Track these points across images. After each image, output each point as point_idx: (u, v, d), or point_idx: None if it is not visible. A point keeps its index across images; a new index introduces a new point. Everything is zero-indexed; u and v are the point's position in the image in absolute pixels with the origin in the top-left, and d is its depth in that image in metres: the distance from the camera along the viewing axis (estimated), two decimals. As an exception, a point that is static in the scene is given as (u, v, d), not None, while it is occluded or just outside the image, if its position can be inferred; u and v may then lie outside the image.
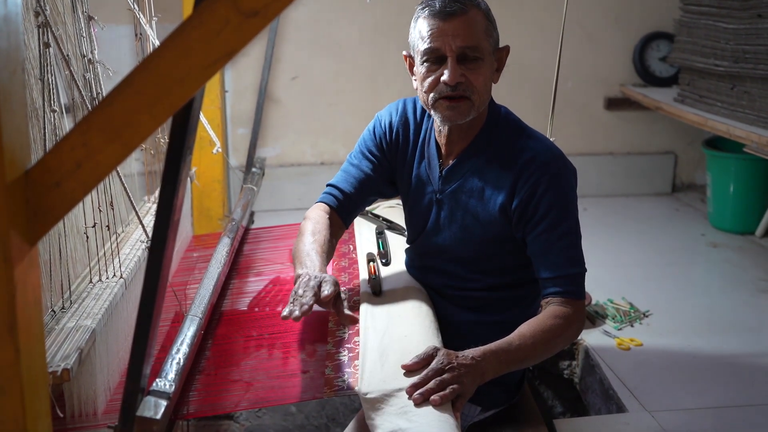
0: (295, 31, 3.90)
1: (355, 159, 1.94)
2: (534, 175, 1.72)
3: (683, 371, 2.38)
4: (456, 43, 1.68)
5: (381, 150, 1.92)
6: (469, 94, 1.71)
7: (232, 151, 3.96)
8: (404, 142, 1.90)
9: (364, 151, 1.93)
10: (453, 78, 1.69)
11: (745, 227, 3.58)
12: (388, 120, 1.92)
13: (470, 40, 1.69)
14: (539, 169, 1.72)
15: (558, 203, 1.71)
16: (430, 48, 1.70)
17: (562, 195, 1.73)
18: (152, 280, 1.16)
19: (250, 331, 1.85)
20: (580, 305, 1.71)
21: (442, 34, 1.69)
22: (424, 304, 1.83)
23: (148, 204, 2.32)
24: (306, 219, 1.88)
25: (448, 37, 1.68)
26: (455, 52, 1.69)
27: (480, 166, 1.79)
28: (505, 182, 1.75)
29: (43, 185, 0.96)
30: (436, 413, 1.41)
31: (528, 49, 3.86)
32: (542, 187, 1.71)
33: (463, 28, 1.68)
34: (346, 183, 1.92)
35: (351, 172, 1.92)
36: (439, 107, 1.73)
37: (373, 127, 1.94)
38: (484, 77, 1.72)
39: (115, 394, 1.67)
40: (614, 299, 2.81)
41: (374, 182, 1.93)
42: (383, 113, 1.95)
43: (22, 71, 0.97)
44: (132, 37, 2.25)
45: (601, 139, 4.20)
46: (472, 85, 1.70)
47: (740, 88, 3.21)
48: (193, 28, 0.92)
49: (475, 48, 1.69)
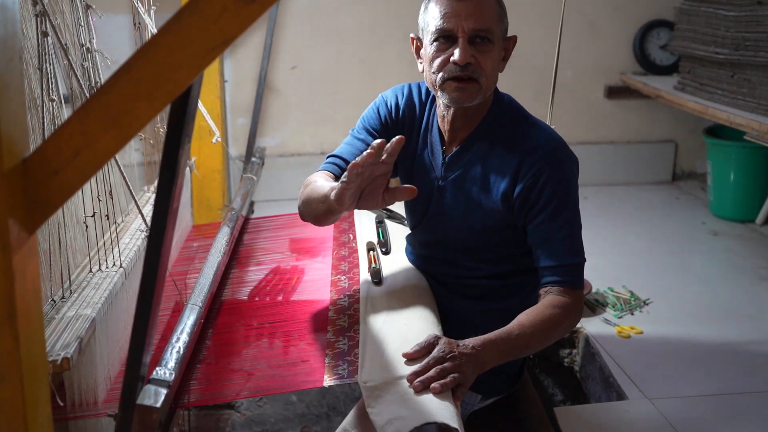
0: (295, 20, 3.88)
1: (358, 134, 1.89)
2: (537, 164, 1.71)
3: (683, 359, 2.38)
4: (469, 25, 1.68)
5: (385, 129, 1.88)
6: (477, 76, 1.70)
7: (232, 141, 3.96)
8: (409, 125, 1.88)
9: (367, 126, 1.89)
10: (463, 58, 1.68)
11: (745, 215, 3.58)
12: (394, 101, 1.89)
13: (483, 22, 1.69)
14: (542, 158, 1.72)
15: (559, 193, 1.71)
16: (442, 28, 1.70)
17: (564, 185, 1.72)
18: (152, 266, 1.16)
19: (251, 321, 1.85)
20: (578, 295, 1.71)
21: (455, 14, 1.68)
22: (425, 292, 1.83)
23: (148, 194, 2.32)
24: (308, 181, 1.80)
25: (461, 18, 1.68)
26: (467, 33, 1.68)
27: (483, 153, 1.79)
28: (507, 170, 1.74)
29: (42, 173, 0.95)
30: (437, 401, 1.41)
31: (528, 38, 3.82)
32: (544, 176, 1.71)
33: (477, 10, 1.68)
34: (349, 154, 1.85)
35: (354, 144, 1.87)
36: (447, 88, 1.72)
37: (377, 107, 1.90)
38: (492, 61, 1.72)
39: (115, 383, 1.67)
40: (614, 287, 2.82)
41: None
42: (388, 94, 1.92)
43: (19, 59, 0.96)
44: (130, 26, 2.25)
45: (601, 128, 4.19)
46: (481, 67, 1.70)
47: (741, 76, 3.20)
48: (191, 15, 0.92)
49: (486, 30, 1.69)
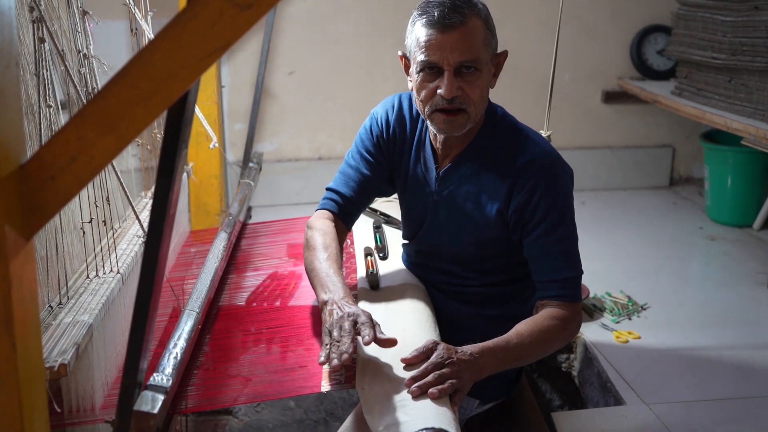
0: (292, 26, 3.89)
1: (353, 161, 1.90)
2: (531, 179, 1.71)
3: (681, 364, 2.38)
4: (454, 57, 1.64)
5: (378, 148, 1.88)
6: (465, 106, 1.68)
7: (229, 147, 3.96)
8: (401, 139, 1.88)
9: (361, 151, 1.89)
10: (449, 92, 1.65)
11: (742, 220, 3.58)
12: (384, 117, 1.89)
13: (469, 53, 1.64)
14: (536, 173, 1.71)
15: (555, 207, 1.71)
16: (426, 61, 1.66)
17: (559, 199, 1.72)
18: (149, 272, 1.16)
19: (248, 326, 1.85)
20: (576, 308, 1.71)
21: (439, 47, 1.64)
22: (422, 298, 1.83)
23: (145, 199, 2.32)
24: (312, 229, 1.83)
25: (446, 52, 1.64)
26: (453, 66, 1.65)
27: (477, 169, 1.78)
28: (502, 185, 1.74)
29: (38, 179, 0.95)
30: (434, 406, 1.41)
31: (525, 43, 3.86)
32: (539, 191, 1.70)
33: (462, 41, 1.63)
34: (345, 186, 1.88)
35: (350, 175, 1.89)
36: (435, 119, 1.71)
37: (370, 126, 1.90)
38: (481, 88, 1.69)
39: (112, 389, 1.67)
40: (612, 292, 2.82)
41: (373, 183, 1.90)
42: (378, 110, 1.91)
43: (16, 65, 0.96)
44: (127, 32, 2.25)
45: (598, 133, 4.19)
46: (469, 97, 1.67)
47: (738, 81, 3.21)
48: (188, 21, 0.92)
49: (473, 60, 1.65)
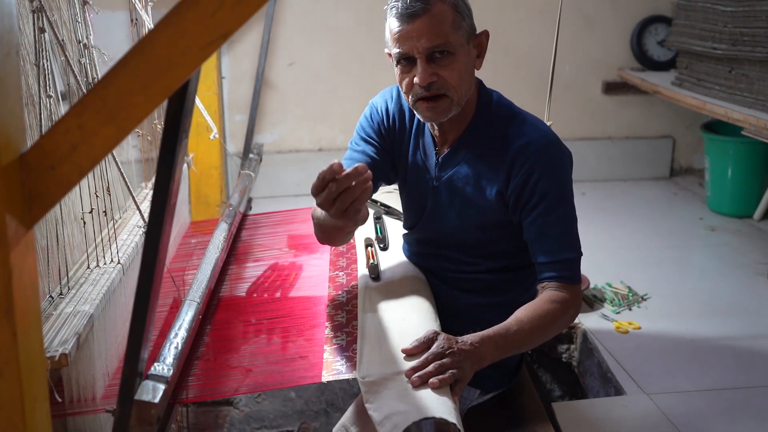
0: (292, 17, 3.88)
1: (357, 146, 1.90)
2: (529, 161, 1.71)
3: (681, 354, 2.38)
4: (422, 44, 1.65)
5: (380, 135, 1.89)
6: (444, 91, 1.68)
7: (230, 138, 3.96)
8: (401, 128, 1.88)
9: (363, 136, 1.89)
10: (424, 79, 1.67)
11: (743, 211, 3.58)
12: (384, 106, 1.90)
13: (437, 38, 1.65)
14: (534, 154, 1.71)
15: (553, 188, 1.71)
16: (398, 52, 1.69)
17: (557, 180, 1.72)
18: (149, 263, 1.16)
19: (249, 317, 1.85)
20: (576, 290, 1.72)
21: (407, 37, 1.66)
22: (423, 288, 1.83)
23: (146, 190, 2.32)
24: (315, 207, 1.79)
25: (413, 40, 1.66)
26: (423, 53, 1.66)
27: (475, 153, 1.78)
28: (500, 168, 1.74)
29: (39, 168, 0.95)
30: (435, 396, 1.41)
31: (526, 34, 3.85)
32: (537, 172, 1.70)
33: (427, 28, 1.65)
34: None
35: (357, 158, 1.87)
36: (419, 108, 1.73)
37: (370, 114, 1.91)
38: (459, 71, 1.69)
39: (113, 379, 1.67)
40: (613, 283, 2.82)
41: (380, 166, 1.88)
42: (377, 99, 1.92)
43: (16, 54, 0.96)
44: (128, 22, 2.25)
45: (599, 124, 4.19)
46: (447, 82, 1.68)
47: (738, 71, 3.20)
48: (188, 9, 0.92)
49: (443, 44, 1.66)
